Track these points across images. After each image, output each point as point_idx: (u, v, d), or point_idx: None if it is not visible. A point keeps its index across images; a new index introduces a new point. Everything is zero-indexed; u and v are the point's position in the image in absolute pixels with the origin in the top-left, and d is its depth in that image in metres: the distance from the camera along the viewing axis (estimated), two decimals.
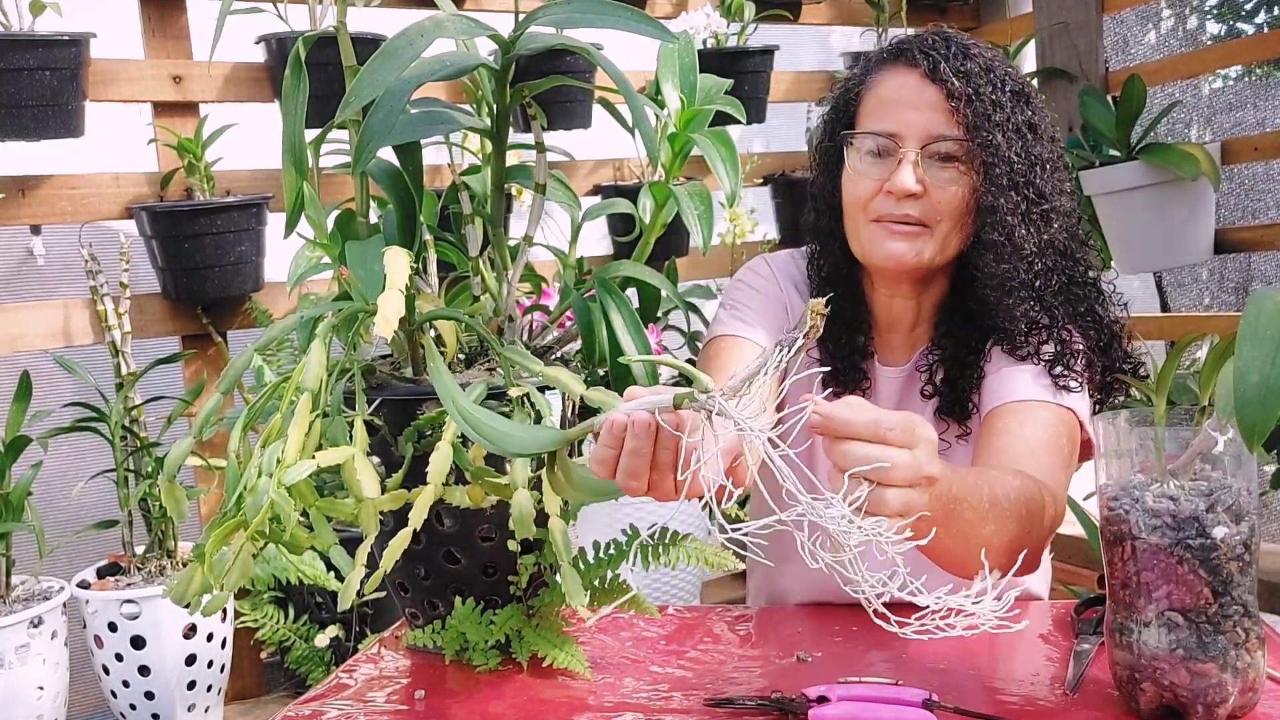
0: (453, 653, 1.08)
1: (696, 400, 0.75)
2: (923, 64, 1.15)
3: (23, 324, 2.11)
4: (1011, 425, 1.13)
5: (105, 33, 2.07)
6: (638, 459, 0.78)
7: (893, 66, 1.18)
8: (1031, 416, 1.14)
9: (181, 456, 0.95)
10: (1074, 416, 1.16)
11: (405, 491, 0.95)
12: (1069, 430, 1.15)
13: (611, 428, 0.77)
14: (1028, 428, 1.13)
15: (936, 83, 1.14)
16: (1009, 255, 1.14)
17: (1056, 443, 1.13)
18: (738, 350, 1.23)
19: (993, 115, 1.13)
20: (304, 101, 0.95)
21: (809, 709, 0.92)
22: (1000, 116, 1.13)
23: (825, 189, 1.25)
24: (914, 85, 1.15)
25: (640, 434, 0.77)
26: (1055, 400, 1.15)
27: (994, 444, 1.12)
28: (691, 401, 0.75)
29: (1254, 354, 0.75)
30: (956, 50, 1.15)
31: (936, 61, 1.14)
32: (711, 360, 1.24)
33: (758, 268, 1.33)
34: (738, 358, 1.21)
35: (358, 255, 0.93)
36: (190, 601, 0.89)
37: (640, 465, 0.78)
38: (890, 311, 1.25)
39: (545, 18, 0.96)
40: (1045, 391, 1.16)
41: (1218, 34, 4.20)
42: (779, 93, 2.84)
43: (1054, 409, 1.15)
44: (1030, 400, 1.15)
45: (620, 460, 0.79)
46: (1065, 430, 1.15)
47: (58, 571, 2.11)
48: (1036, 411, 1.14)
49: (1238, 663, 0.86)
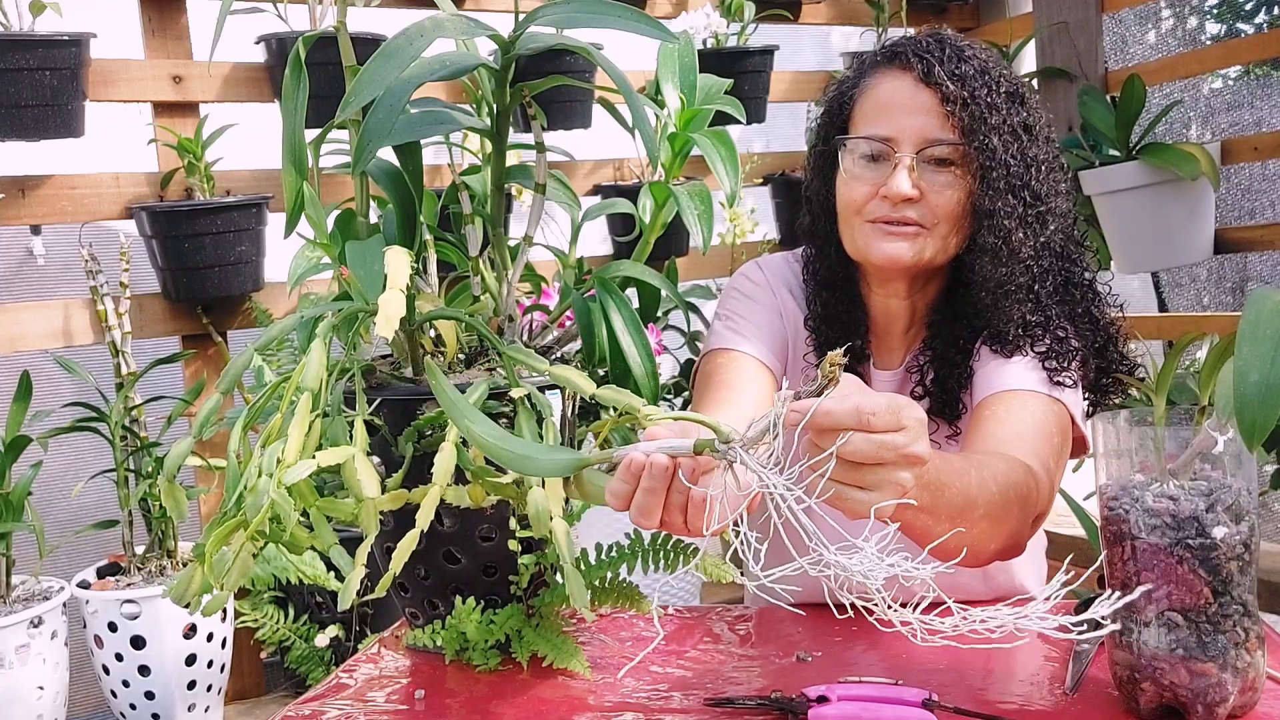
0: (453, 653, 1.08)
1: (717, 450, 0.75)
2: (917, 67, 1.14)
3: (23, 324, 2.11)
4: (999, 412, 1.12)
5: (105, 33, 2.07)
6: (652, 498, 0.79)
7: (887, 69, 1.18)
8: (1021, 405, 1.13)
9: (181, 456, 0.95)
10: (1065, 410, 1.15)
11: (405, 491, 0.95)
12: (1059, 422, 1.15)
13: (630, 466, 0.78)
14: (1016, 415, 1.12)
15: (931, 86, 1.13)
16: (1006, 258, 1.14)
17: (1046, 430, 1.12)
18: (733, 365, 1.23)
19: (988, 118, 1.12)
20: (304, 101, 0.95)
21: (809, 709, 0.92)
22: (996, 119, 1.13)
23: (820, 192, 1.25)
24: (908, 88, 1.15)
25: (657, 476, 0.78)
26: (1047, 392, 1.15)
27: (983, 430, 1.11)
28: (712, 450, 0.76)
29: (1254, 354, 0.75)
30: (951, 53, 1.15)
31: (931, 65, 1.13)
32: (708, 376, 1.24)
33: (750, 274, 1.33)
34: (733, 372, 1.21)
35: (358, 255, 0.93)
36: (190, 601, 0.89)
37: (654, 504, 0.79)
38: (886, 313, 1.25)
39: (545, 18, 0.96)
40: (1037, 382, 1.15)
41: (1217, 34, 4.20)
42: (779, 93, 2.84)
43: (1045, 399, 1.14)
44: (1021, 389, 1.14)
45: (635, 497, 0.79)
46: (1055, 421, 1.14)
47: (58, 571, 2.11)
48: (1026, 400, 1.13)
49: (1237, 662, 0.86)
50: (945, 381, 1.23)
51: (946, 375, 1.22)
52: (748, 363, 1.22)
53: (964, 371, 1.22)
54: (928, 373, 1.24)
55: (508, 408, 0.97)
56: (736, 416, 1.15)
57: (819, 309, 1.26)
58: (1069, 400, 1.16)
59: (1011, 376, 1.15)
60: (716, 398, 1.18)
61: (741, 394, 1.19)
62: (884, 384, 1.26)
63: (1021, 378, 1.15)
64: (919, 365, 1.25)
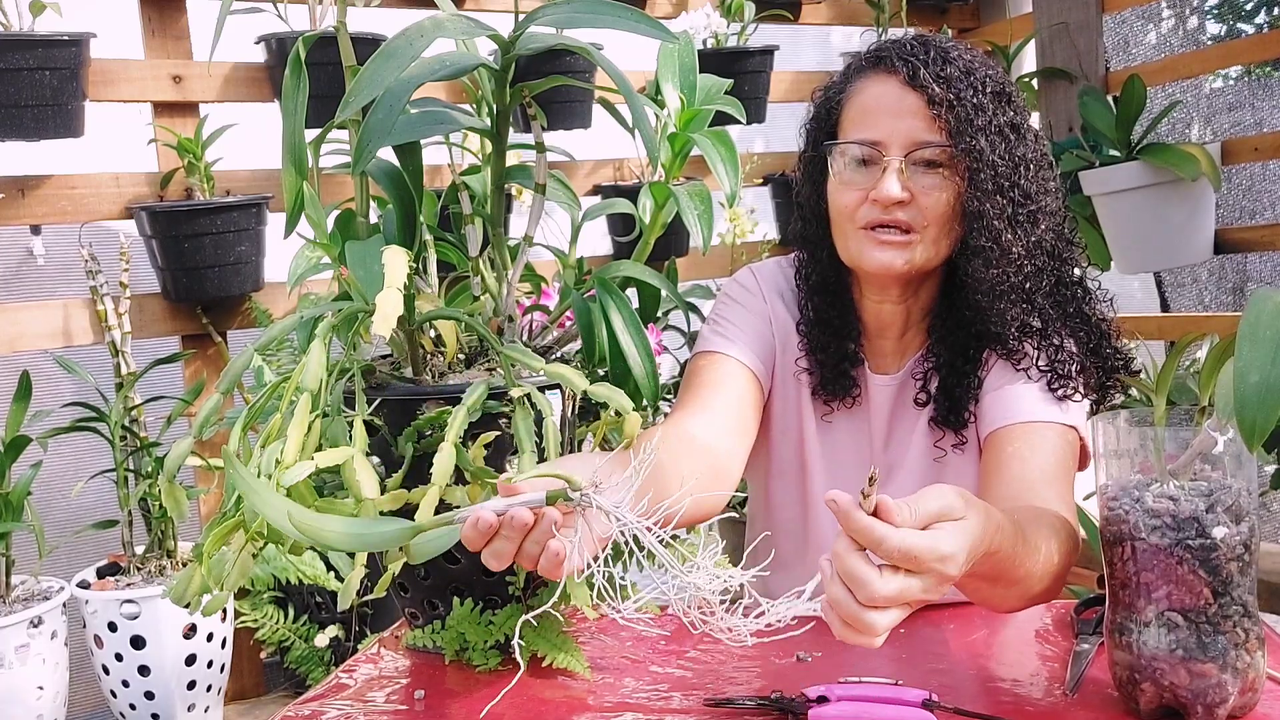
0: (452, 653, 1.08)
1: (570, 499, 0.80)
2: (902, 70, 1.14)
3: (23, 324, 2.11)
4: (1022, 450, 1.13)
5: (105, 33, 2.08)
6: (508, 545, 0.82)
7: (873, 73, 1.18)
8: (1041, 439, 1.14)
9: (181, 456, 0.95)
10: (1076, 435, 1.17)
11: (405, 491, 0.95)
12: (1073, 450, 1.17)
13: (477, 525, 0.80)
14: (1038, 451, 1.13)
15: (917, 89, 1.13)
16: (997, 259, 1.14)
17: (1065, 465, 1.14)
18: (715, 367, 1.23)
19: (975, 120, 1.12)
20: (304, 101, 0.95)
21: (809, 709, 0.92)
22: (982, 120, 1.12)
23: (811, 198, 1.25)
24: (895, 92, 1.15)
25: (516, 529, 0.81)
26: (1060, 420, 1.15)
27: (1008, 471, 1.12)
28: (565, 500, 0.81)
29: (1254, 354, 0.75)
30: (936, 55, 1.15)
31: (916, 67, 1.13)
32: (690, 378, 1.24)
33: (743, 280, 1.33)
34: (715, 374, 1.22)
35: (358, 255, 0.93)
36: (190, 601, 0.89)
37: (508, 551, 0.83)
38: (880, 317, 1.25)
39: (545, 18, 0.96)
40: (1049, 410, 1.16)
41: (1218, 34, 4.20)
42: (779, 93, 2.84)
43: (1059, 430, 1.15)
44: (1037, 421, 1.15)
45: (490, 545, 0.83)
46: (1070, 451, 1.16)
47: (58, 571, 2.11)
48: (1044, 434, 1.15)
49: (1237, 663, 0.86)
50: (952, 390, 1.22)
51: (954, 384, 1.22)
52: (730, 365, 1.23)
53: (972, 381, 1.22)
54: (931, 379, 1.24)
55: (508, 408, 0.97)
56: (713, 417, 1.16)
57: (811, 314, 1.26)
58: (1077, 421, 1.17)
59: (1026, 406, 1.16)
60: (697, 398, 1.19)
61: (719, 394, 1.20)
62: (882, 389, 1.26)
63: (1035, 408, 1.16)
64: (922, 371, 1.25)
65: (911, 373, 1.26)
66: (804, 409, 1.28)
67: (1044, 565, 0.96)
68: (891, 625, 0.79)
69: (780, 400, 1.29)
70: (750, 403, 1.23)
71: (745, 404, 1.22)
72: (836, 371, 1.25)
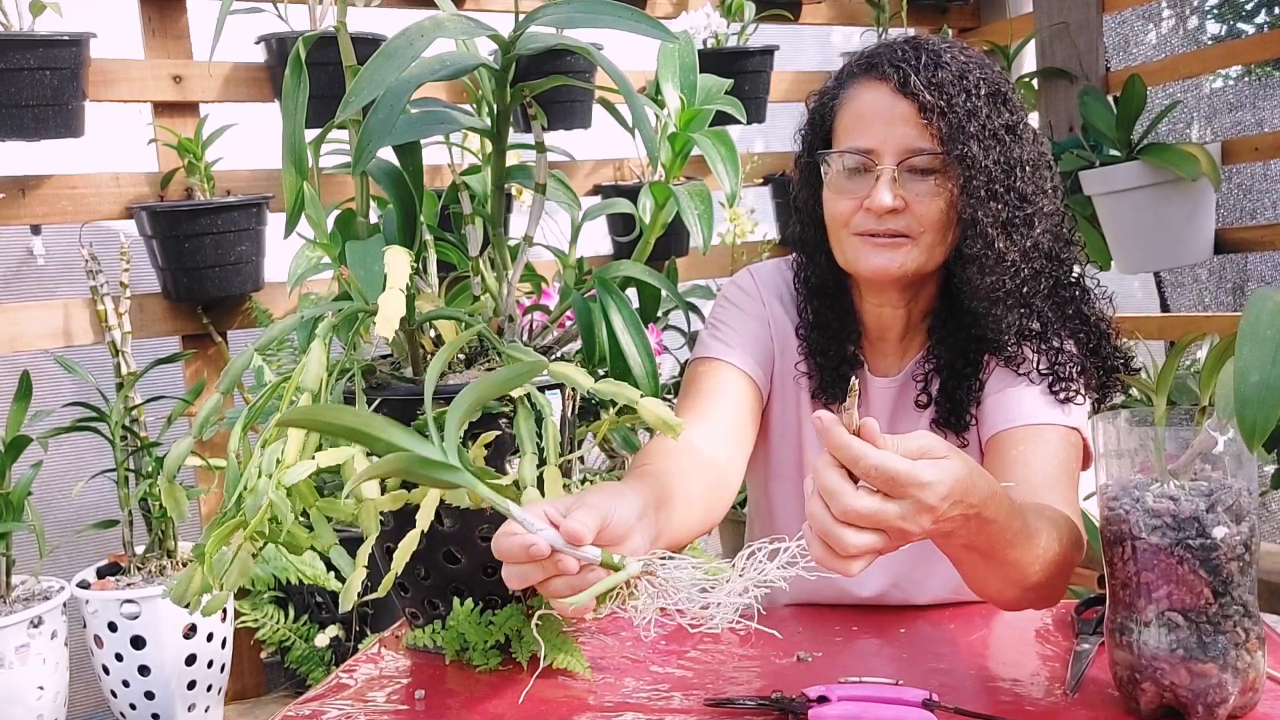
0: (453, 653, 1.08)
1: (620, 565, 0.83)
2: (893, 77, 1.13)
3: (23, 324, 2.11)
4: (1026, 454, 1.13)
5: (105, 33, 2.08)
6: (538, 575, 0.83)
7: (865, 80, 1.17)
8: (1044, 442, 1.14)
9: (181, 456, 0.95)
10: (1079, 436, 1.16)
11: (405, 492, 0.95)
12: (1076, 452, 1.16)
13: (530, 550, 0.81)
14: (1042, 454, 1.13)
15: (908, 96, 1.12)
16: (992, 266, 1.13)
17: (1068, 468, 1.14)
18: (713, 374, 1.23)
19: (967, 125, 1.11)
20: (304, 101, 0.95)
21: (809, 709, 0.92)
22: (975, 126, 1.12)
23: (808, 202, 1.25)
24: (886, 99, 1.14)
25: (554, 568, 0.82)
26: (1063, 422, 1.15)
27: (1010, 475, 1.12)
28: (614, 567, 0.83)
29: (1254, 354, 0.75)
30: (928, 60, 1.14)
31: (907, 74, 1.13)
32: (689, 384, 1.24)
33: (741, 283, 1.33)
34: (713, 381, 1.23)
35: (358, 255, 0.93)
36: (190, 601, 0.89)
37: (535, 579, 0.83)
38: (879, 320, 1.25)
39: (545, 18, 0.96)
40: (1051, 412, 1.15)
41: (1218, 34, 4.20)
42: (779, 93, 2.84)
43: (1061, 431, 1.15)
44: (1040, 424, 1.15)
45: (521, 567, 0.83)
46: (1073, 454, 1.16)
47: (58, 571, 2.11)
48: (1047, 436, 1.14)
49: (1238, 663, 0.86)
50: (953, 393, 1.22)
51: (955, 386, 1.22)
52: (728, 371, 1.23)
53: (973, 384, 1.21)
54: (932, 381, 1.24)
55: (508, 408, 0.97)
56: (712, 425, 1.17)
57: (811, 317, 1.26)
58: (1079, 423, 1.17)
59: (1028, 409, 1.16)
60: (695, 407, 1.20)
61: (717, 402, 1.20)
62: (882, 391, 1.26)
63: (1037, 410, 1.16)
64: (923, 374, 1.24)
65: (912, 375, 1.25)
66: (803, 412, 1.28)
67: (1042, 554, 0.95)
68: (866, 549, 0.80)
69: (779, 403, 1.29)
70: (748, 409, 1.23)
71: (744, 411, 1.22)
72: (836, 374, 1.25)
